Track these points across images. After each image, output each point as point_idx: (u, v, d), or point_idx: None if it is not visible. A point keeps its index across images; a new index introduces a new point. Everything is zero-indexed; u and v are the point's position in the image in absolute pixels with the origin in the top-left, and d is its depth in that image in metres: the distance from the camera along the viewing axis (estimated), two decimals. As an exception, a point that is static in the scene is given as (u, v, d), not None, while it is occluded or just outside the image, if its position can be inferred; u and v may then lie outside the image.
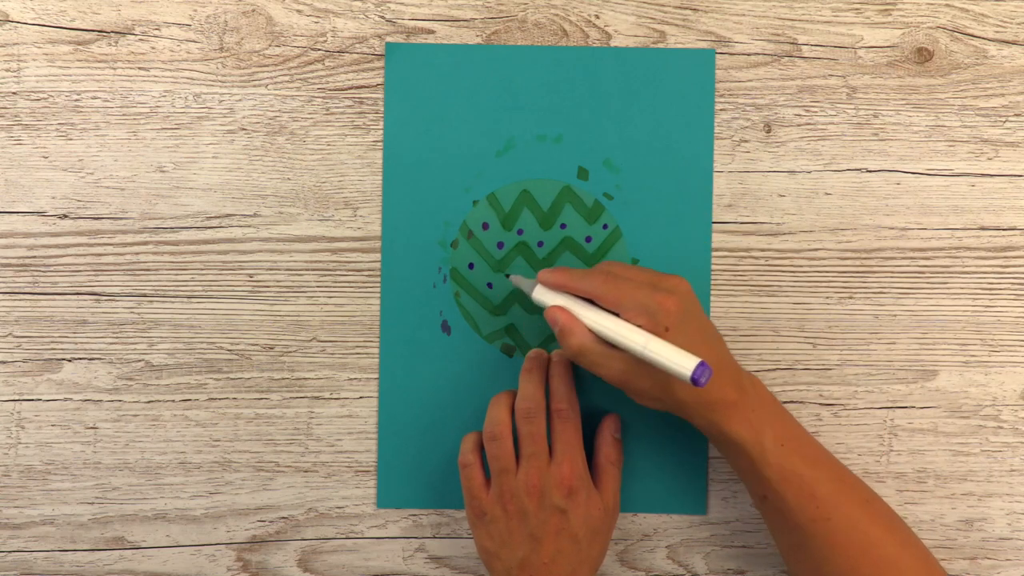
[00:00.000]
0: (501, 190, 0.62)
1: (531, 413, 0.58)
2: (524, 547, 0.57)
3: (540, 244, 0.62)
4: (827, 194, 0.62)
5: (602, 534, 0.59)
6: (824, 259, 0.62)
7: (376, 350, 0.62)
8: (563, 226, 0.62)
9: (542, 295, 0.57)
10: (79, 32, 0.62)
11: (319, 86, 0.62)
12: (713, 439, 0.57)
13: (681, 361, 0.52)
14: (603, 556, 0.59)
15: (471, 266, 0.62)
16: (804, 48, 0.62)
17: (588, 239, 0.62)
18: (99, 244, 0.62)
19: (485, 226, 0.62)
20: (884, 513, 0.57)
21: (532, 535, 0.57)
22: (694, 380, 0.52)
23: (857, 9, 0.62)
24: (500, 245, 0.62)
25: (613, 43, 0.62)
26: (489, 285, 0.62)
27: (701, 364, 0.52)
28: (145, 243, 0.62)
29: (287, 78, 0.62)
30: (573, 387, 0.60)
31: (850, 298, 0.62)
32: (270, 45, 0.62)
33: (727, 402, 0.55)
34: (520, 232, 0.62)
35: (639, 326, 0.54)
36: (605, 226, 0.62)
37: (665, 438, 0.62)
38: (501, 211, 0.62)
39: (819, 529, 0.55)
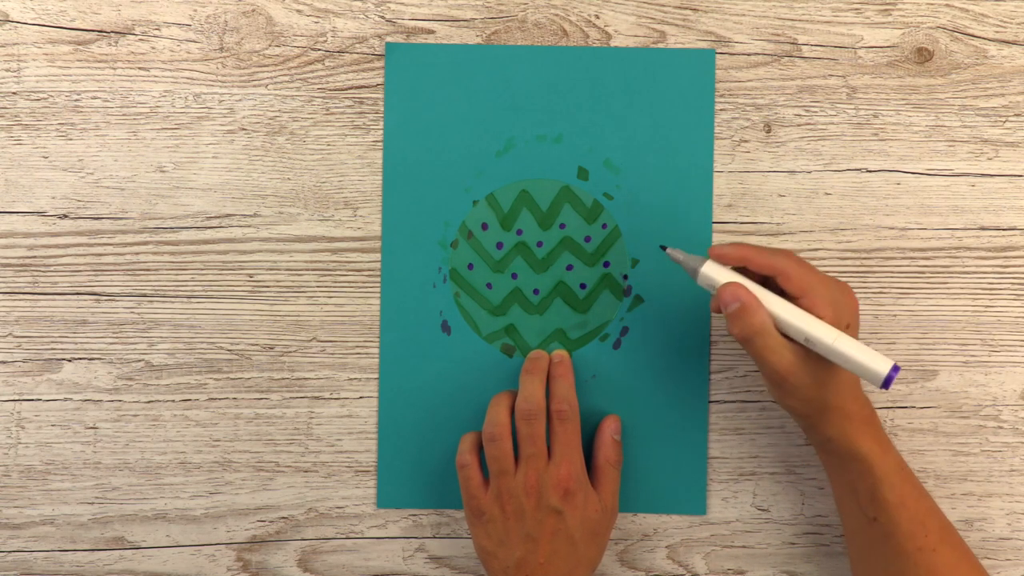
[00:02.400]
0: (500, 190, 0.62)
1: (531, 414, 0.58)
2: (521, 547, 0.57)
3: (539, 244, 0.62)
4: (827, 194, 0.62)
5: (600, 535, 0.58)
6: (824, 259, 0.62)
7: (376, 350, 0.62)
8: (562, 226, 0.62)
9: (712, 271, 0.54)
10: (79, 32, 0.62)
11: (319, 86, 0.62)
12: (836, 452, 0.56)
13: (875, 360, 0.51)
14: (600, 557, 0.59)
15: (470, 266, 0.62)
16: (804, 48, 0.62)
17: (587, 239, 0.62)
18: (99, 244, 0.62)
19: (484, 226, 0.62)
20: (973, 558, 0.57)
21: (529, 535, 0.57)
22: (887, 380, 0.51)
23: (857, 9, 0.62)
24: (499, 245, 0.62)
25: (613, 43, 0.62)
26: (488, 285, 0.62)
27: (895, 367, 0.51)
28: (145, 243, 0.62)
29: (287, 78, 0.62)
30: (573, 388, 0.60)
31: (850, 298, 0.62)
32: (270, 45, 0.62)
33: (862, 416, 0.55)
34: (519, 232, 0.62)
35: (821, 317, 0.52)
36: (604, 226, 0.62)
37: (665, 439, 0.62)
38: (500, 211, 0.62)
39: (924, 559, 0.54)
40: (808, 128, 0.62)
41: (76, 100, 0.62)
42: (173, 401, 0.63)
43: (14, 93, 0.62)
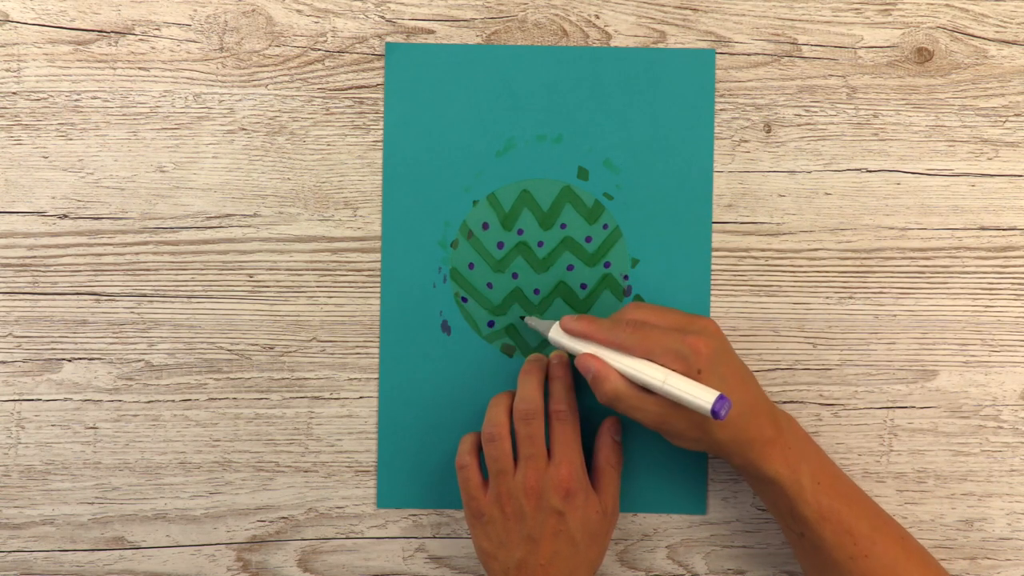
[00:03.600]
0: (501, 190, 0.62)
1: (530, 414, 0.58)
2: (521, 548, 0.57)
3: (540, 244, 0.62)
4: (827, 194, 0.62)
5: (600, 536, 0.58)
6: (824, 259, 0.62)
7: (376, 350, 0.62)
8: (563, 226, 0.62)
9: (559, 335, 0.58)
10: (79, 32, 0.62)
11: (319, 86, 0.62)
12: (749, 478, 0.57)
13: (700, 395, 0.52)
14: (601, 558, 0.59)
15: (471, 266, 0.62)
16: (804, 48, 0.62)
17: (588, 239, 0.62)
18: (99, 244, 0.62)
19: (485, 226, 0.62)
20: (918, 551, 0.57)
21: (530, 536, 0.57)
22: (714, 413, 0.52)
23: (857, 9, 0.62)
24: (500, 245, 0.62)
25: (613, 43, 0.62)
26: (489, 285, 0.62)
27: (721, 397, 0.52)
28: (145, 243, 0.62)
29: (287, 78, 0.62)
30: (572, 389, 0.60)
31: (850, 298, 0.62)
32: (270, 45, 0.62)
33: (764, 439, 0.55)
34: (520, 232, 0.62)
35: (674, 371, 0.54)
36: (605, 226, 0.62)
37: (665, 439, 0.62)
38: (501, 211, 0.62)
39: (857, 567, 0.55)
40: (808, 128, 0.62)
41: (76, 100, 0.62)
42: (173, 401, 0.63)
43: (14, 93, 0.62)
